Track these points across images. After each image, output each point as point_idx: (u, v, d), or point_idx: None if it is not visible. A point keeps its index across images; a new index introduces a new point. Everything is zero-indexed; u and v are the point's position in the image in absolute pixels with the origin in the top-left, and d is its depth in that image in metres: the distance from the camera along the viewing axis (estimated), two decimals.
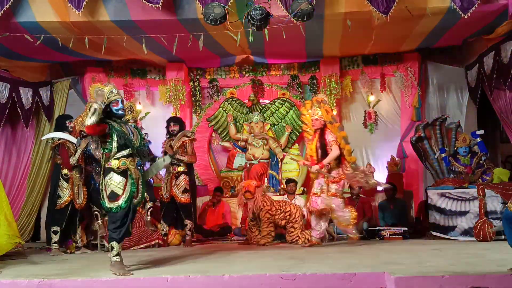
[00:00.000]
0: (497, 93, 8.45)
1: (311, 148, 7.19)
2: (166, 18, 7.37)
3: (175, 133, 8.07)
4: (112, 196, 4.96)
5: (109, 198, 4.98)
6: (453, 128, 8.62)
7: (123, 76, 10.27)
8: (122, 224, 4.97)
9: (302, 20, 6.54)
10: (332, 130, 7.10)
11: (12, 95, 8.52)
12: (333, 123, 7.17)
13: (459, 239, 7.25)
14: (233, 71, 10.51)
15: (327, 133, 7.10)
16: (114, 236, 4.96)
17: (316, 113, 7.15)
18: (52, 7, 7.31)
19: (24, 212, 9.00)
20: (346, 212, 6.99)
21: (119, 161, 4.99)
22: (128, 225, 5.10)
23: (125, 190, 4.98)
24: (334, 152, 6.97)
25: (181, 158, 7.85)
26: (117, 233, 4.94)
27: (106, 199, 5.00)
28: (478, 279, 4.06)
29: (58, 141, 7.45)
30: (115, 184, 4.97)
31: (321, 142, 7.09)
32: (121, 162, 4.99)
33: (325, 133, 7.10)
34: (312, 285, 4.31)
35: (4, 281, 4.52)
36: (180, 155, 7.88)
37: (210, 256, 6.29)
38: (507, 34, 7.76)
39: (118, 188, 4.96)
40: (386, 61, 10.08)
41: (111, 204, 4.96)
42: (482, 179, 7.70)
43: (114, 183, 4.97)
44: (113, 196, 4.96)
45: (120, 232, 4.96)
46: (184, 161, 7.90)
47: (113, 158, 5.00)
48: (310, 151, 7.22)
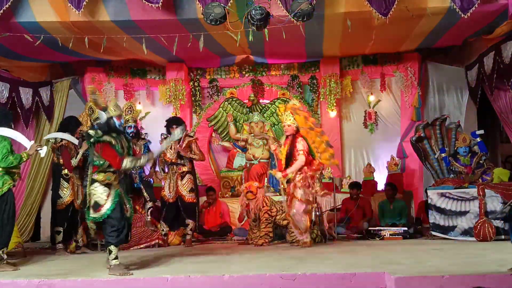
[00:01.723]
0: (497, 93, 8.45)
1: (282, 152, 7.11)
2: (166, 18, 7.37)
3: None
4: (95, 206, 5.03)
5: (93, 208, 5.05)
6: (453, 128, 8.62)
7: (123, 76, 10.28)
8: (118, 228, 5.00)
9: (302, 20, 6.54)
10: (313, 136, 6.99)
11: (12, 95, 8.53)
12: (314, 129, 7.07)
13: (459, 239, 7.24)
14: (233, 71, 10.51)
15: (298, 141, 6.95)
16: (110, 240, 4.99)
17: (288, 119, 7.02)
18: (52, 7, 7.31)
19: (24, 212, 9.00)
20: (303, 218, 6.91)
21: (105, 175, 5.07)
22: (127, 230, 5.16)
23: (108, 198, 5.03)
24: (299, 162, 6.88)
25: (193, 157, 7.87)
26: (113, 237, 4.98)
27: (90, 209, 5.08)
28: (478, 279, 4.06)
29: (61, 142, 7.45)
30: (98, 194, 5.04)
31: (290, 149, 6.98)
32: (107, 176, 5.08)
33: (296, 140, 6.96)
34: (312, 285, 4.30)
35: (4, 281, 4.52)
36: (193, 154, 7.89)
37: (210, 256, 6.29)
38: (507, 34, 7.76)
39: (101, 198, 5.03)
40: (386, 61, 10.08)
41: (95, 214, 5.03)
42: (482, 179, 7.69)
43: (97, 193, 5.05)
44: (96, 206, 5.03)
45: (118, 236, 4.99)
46: (196, 159, 7.94)
47: (100, 172, 5.08)
48: (281, 155, 7.15)
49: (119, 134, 5.23)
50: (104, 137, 5.08)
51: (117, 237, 4.99)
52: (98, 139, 5.06)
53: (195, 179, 8.15)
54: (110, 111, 5.16)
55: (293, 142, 6.97)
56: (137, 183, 7.93)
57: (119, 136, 5.22)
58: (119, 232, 5.00)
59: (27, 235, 8.93)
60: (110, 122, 5.15)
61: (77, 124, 7.64)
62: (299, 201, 6.86)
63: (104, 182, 5.05)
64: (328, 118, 10.23)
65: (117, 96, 10.24)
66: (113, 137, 5.14)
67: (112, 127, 5.16)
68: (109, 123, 5.15)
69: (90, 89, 6.49)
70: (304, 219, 6.90)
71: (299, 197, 6.85)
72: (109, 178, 5.08)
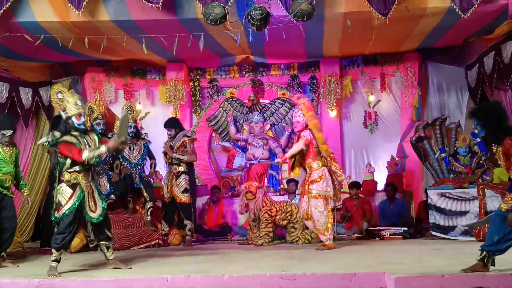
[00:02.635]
0: (497, 93, 8.45)
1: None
2: (166, 18, 7.37)
3: (172, 136, 8.01)
4: (58, 206, 5.10)
5: (56, 207, 5.12)
6: (453, 128, 8.61)
7: (123, 76, 10.27)
8: (64, 233, 5.03)
9: (302, 20, 6.55)
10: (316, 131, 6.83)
11: (11, 95, 8.53)
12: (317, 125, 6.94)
13: (459, 239, 7.24)
14: (233, 71, 10.51)
15: (304, 131, 6.81)
16: (55, 242, 5.04)
17: (298, 115, 6.89)
18: (52, 7, 7.31)
19: (24, 212, 8.99)
20: (323, 215, 6.60)
21: (71, 175, 5.15)
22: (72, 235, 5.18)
23: (69, 200, 5.07)
24: (296, 146, 6.75)
25: (180, 157, 7.81)
26: (58, 240, 5.02)
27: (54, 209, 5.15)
28: (478, 279, 4.06)
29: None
30: (62, 194, 5.11)
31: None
32: (73, 176, 5.14)
33: (303, 131, 6.83)
34: (312, 285, 4.31)
35: (4, 281, 4.53)
36: (180, 154, 7.84)
37: (210, 256, 6.29)
38: (507, 34, 7.76)
39: (63, 198, 5.09)
40: (386, 61, 10.08)
41: (56, 213, 5.10)
42: (482, 179, 7.69)
43: (62, 193, 5.12)
44: (58, 205, 5.10)
45: (62, 240, 5.03)
46: (184, 160, 7.85)
47: (66, 171, 5.16)
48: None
49: (82, 132, 5.25)
50: (63, 137, 5.14)
51: (61, 242, 5.03)
52: (56, 141, 5.13)
53: (192, 180, 8.14)
54: (68, 111, 5.20)
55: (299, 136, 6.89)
56: (137, 183, 7.92)
57: (82, 135, 5.25)
58: (64, 237, 5.03)
59: (27, 235, 8.93)
60: (68, 122, 5.20)
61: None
62: (314, 197, 6.63)
63: (70, 182, 5.12)
64: (328, 118, 10.23)
65: (117, 96, 10.26)
66: (73, 136, 5.18)
67: (71, 127, 5.19)
68: (67, 123, 5.20)
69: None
70: (323, 217, 6.58)
71: (313, 193, 6.63)
72: (75, 178, 5.14)
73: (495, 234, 4.28)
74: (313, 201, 6.63)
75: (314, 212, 6.61)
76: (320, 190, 6.62)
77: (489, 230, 4.41)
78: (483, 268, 4.25)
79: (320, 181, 6.63)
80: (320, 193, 6.63)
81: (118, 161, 7.97)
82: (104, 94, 9.92)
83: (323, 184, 6.63)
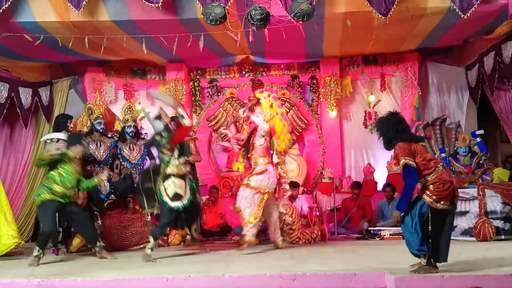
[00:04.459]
0: (498, 93, 8.46)
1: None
2: (166, 18, 7.37)
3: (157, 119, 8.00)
4: (177, 197, 6.18)
5: (175, 198, 6.16)
6: (453, 128, 8.62)
7: (123, 76, 10.27)
8: (169, 223, 6.24)
9: (302, 20, 6.55)
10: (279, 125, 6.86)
11: (11, 95, 8.51)
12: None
13: (459, 239, 7.24)
14: (233, 71, 10.51)
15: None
16: (160, 231, 6.31)
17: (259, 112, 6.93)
18: (52, 7, 7.31)
19: (23, 212, 8.99)
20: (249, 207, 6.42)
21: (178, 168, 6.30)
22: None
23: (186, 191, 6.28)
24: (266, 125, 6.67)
25: (186, 159, 7.79)
26: (164, 229, 6.40)
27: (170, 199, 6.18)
28: (478, 279, 4.06)
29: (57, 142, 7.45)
30: (178, 186, 6.21)
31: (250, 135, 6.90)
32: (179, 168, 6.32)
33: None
34: (312, 285, 4.31)
35: (4, 281, 4.53)
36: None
37: (210, 256, 6.29)
38: (507, 34, 7.77)
39: (181, 189, 6.22)
40: (386, 61, 10.08)
41: (179, 203, 6.18)
42: (482, 179, 7.69)
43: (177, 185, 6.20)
44: (178, 197, 6.18)
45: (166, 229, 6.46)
46: (190, 160, 7.83)
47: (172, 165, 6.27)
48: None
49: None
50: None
51: (165, 230, 6.70)
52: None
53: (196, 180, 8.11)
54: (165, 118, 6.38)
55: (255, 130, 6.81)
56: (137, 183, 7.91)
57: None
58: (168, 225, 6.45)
59: (27, 235, 8.92)
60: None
61: (66, 118, 7.83)
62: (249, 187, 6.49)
63: (178, 174, 6.23)
64: (328, 118, 10.23)
65: (117, 96, 10.26)
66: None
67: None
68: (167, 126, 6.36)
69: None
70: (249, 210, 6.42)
71: (251, 184, 6.49)
72: (182, 169, 6.28)
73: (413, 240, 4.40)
74: (247, 190, 6.51)
75: (242, 202, 6.50)
76: (260, 183, 6.52)
77: (404, 234, 4.56)
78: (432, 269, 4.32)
79: (262, 175, 6.56)
80: (258, 186, 6.51)
81: (118, 161, 7.98)
82: (104, 94, 9.93)
83: (264, 178, 6.55)
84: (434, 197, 4.34)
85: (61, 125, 7.75)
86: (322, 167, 10.11)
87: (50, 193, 5.99)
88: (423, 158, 4.42)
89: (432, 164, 4.43)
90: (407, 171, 4.39)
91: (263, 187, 6.53)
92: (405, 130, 4.62)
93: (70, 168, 6.08)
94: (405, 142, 4.47)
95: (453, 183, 4.47)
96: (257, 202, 6.46)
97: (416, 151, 4.44)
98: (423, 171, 4.41)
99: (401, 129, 4.58)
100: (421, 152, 4.48)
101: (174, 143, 6.18)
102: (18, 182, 9.20)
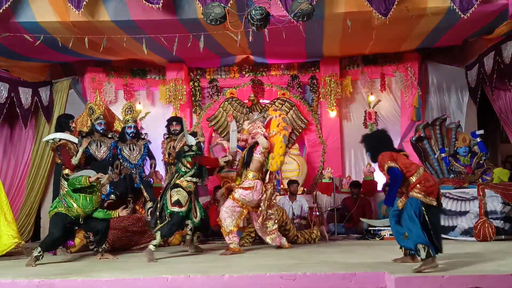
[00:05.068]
0: (498, 93, 8.46)
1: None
2: (166, 18, 7.38)
3: (177, 132, 8.05)
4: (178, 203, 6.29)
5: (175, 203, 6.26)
6: (453, 128, 8.61)
7: (123, 76, 10.28)
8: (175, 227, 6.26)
9: (302, 20, 6.54)
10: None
11: (11, 95, 8.52)
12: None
13: (459, 239, 7.24)
14: (233, 71, 10.51)
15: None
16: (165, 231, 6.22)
17: (258, 126, 6.93)
18: (52, 7, 7.32)
19: (24, 212, 9.00)
20: (229, 218, 6.44)
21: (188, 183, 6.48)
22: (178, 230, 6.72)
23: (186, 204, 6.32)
24: (266, 141, 6.63)
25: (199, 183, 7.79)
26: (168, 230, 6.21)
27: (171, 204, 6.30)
28: (478, 279, 4.06)
29: (59, 142, 7.46)
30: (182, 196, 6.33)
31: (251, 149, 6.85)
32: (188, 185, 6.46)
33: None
34: (312, 285, 4.30)
35: (4, 281, 4.52)
36: None
37: (210, 256, 6.29)
38: (507, 34, 7.76)
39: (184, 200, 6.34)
40: (386, 61, 10.08)
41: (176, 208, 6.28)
42: (482, 179, 7.69)
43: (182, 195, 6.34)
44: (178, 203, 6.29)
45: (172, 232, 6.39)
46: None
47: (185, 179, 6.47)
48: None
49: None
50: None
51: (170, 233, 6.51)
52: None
53: None
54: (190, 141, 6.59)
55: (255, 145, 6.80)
56: (137, 183, 7.93)
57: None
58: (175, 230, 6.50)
59: (27, 235, 8.92)
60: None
61: (67, 118, 7.84)
62: (232, 199, 6.54)
63: (186, 189, 6.37)
64: (328, 118, 10.24)
65: (117, 96, 10.26)
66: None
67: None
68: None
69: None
70: (229, 220, 6.44)
71: (235, 196, 6.52)
72: (190, 187, 6.39)
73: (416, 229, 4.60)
74: (229, 201, 6.56)
75: (223, 212, 6.52)
76: (243, 198, 6.51)
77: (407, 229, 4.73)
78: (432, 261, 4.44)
79: (248, 190, 6.54)
80: (241, 200, 6.52)
81: (118, 161, 7.98)
82: (104, 94, 9.93)
83: (249, 194, 6.52)
84: (423, 193, 4.65)
85: (63, 126, 7.75)
86: (322, 167, 10.11)
87: (65, 209, 6.01)
88: (404, 163, 4.80)
89: (413, 167, 4.81)
90: (392, 172, 4.74)
91: (245, 202, 6.56)
92: (391, 145, 5.06)
93: (95, 198, 6.13)
94: (386, 152, 4.88)
95: (436, 182, 4.86)
96: (236, 215, 6.52)
97: (397, 158, 4.83)
98: (405, 174, 4.73)
99: (388, 145, 5.02)
100: (402, 158, 4.89)
101: (197, 161, 6.44)
102: (18, 182, 9.21)
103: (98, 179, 6.05)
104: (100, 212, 6.20)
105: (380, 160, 4.85)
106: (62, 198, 6.18)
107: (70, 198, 6.06)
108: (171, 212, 6.19)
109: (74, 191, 6.03)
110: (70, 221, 6.04)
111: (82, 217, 6.09)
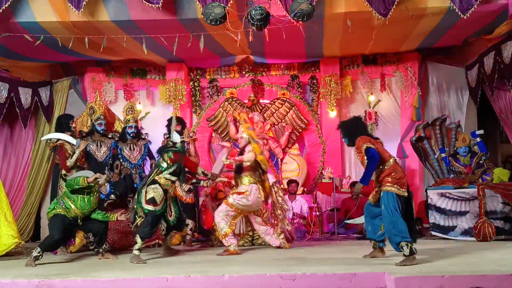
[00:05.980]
0: (498, 93, 8.46)
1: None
2: (166, 18, 7.38)
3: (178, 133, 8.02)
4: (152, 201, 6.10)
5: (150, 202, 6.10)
6: (453, 128, 8.62)
7: (123, 76, 10.27)
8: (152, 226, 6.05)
9: (302, 20, 6.55)
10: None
11: (11, 95, 8.51)
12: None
13: (459, 239, 7.25)
14: (233, 71, 10.51)
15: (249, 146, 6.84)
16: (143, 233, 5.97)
17: (242, 131, 6.92)
18: (52, 7, 7.31)
19: (24, 212, 9.00)
20: (223, 222, 6.47)
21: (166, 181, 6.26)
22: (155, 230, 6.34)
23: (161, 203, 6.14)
24: (247, 156, 6.68)
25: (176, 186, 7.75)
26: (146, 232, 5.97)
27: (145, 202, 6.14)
28: (478, 279, 4.06)
29: (57, 142, 7.46)
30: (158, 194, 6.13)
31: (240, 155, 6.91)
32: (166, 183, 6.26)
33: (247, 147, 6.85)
34: (312, 285, 4.31)
35: (4, 281, 4.52)
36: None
37: (210, 256, 6.29)
38: (507, 34, 7.77)
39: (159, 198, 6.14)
40: (386, 61, 10.08)
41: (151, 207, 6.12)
42: (482, 179, 7.69)
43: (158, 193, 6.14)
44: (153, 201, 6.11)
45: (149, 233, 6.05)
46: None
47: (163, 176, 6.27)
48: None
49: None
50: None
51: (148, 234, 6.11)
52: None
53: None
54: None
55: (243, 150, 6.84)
56: (137, 183, 7.92)
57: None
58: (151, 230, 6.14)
59: (27, 235, 8.92)
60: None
61: (67, 118, 7.85)
62: (226, 203, 6.56)
63: (163, 186, 6.15)
64: (328, 118, 10.23)
65: (117, 96, 10.26)
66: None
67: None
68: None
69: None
70: (223, 223, 6.47)
71: (229, 200, 6.55)
72: (168, 185, 6.20)
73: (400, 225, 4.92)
74: (223, 205, 6.58)
75: (217, 215, 6.54)
76: (237, 203, 6.54)
77: (386, 226, 5.07)
78: (414, 258, 4.83)
79: (242, 195, 6.56)
80: (235, 205, 6.54)
81: (118, 161, 7.98)
82: (104, 94, 9.93)
83: (242, 199, 6.54)
84: (396, 185, 4.99)
85: (64, 126, 7.75)
86: (322, 167, 10.11)
87: (64, 210, 6.01)
88: (380, 149, 5.15)
89: (386, 155, 5.15)
90: (369, 152, 5.03)
91: (239, 207, 6.58)
92: (366, 131, 5.46)
93: (93, 199, 6.12)
94: (365, 136, 5.23)
95: (404, 173, 5.27)
96: (229, 219, 6.55)
97: (374, 142, 5.15)
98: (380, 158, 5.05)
99: (363, 130, 5.40)
100: (378, 144, 5.22)
101: (179, 160, 6.28)
102: (19, 183, 9.20)
103: (96, 180, 6.04)
104: (99, 214, 6.20)
105: (358, 142, 5.14)
106: (60, 199, 6.18)
107: (68, 199, 6.05)
108: (146, 211, 6.05)
109: (72, 192, 6.03)
110: (69, 222, 6.04)
111: (80, 218, 6.08)
